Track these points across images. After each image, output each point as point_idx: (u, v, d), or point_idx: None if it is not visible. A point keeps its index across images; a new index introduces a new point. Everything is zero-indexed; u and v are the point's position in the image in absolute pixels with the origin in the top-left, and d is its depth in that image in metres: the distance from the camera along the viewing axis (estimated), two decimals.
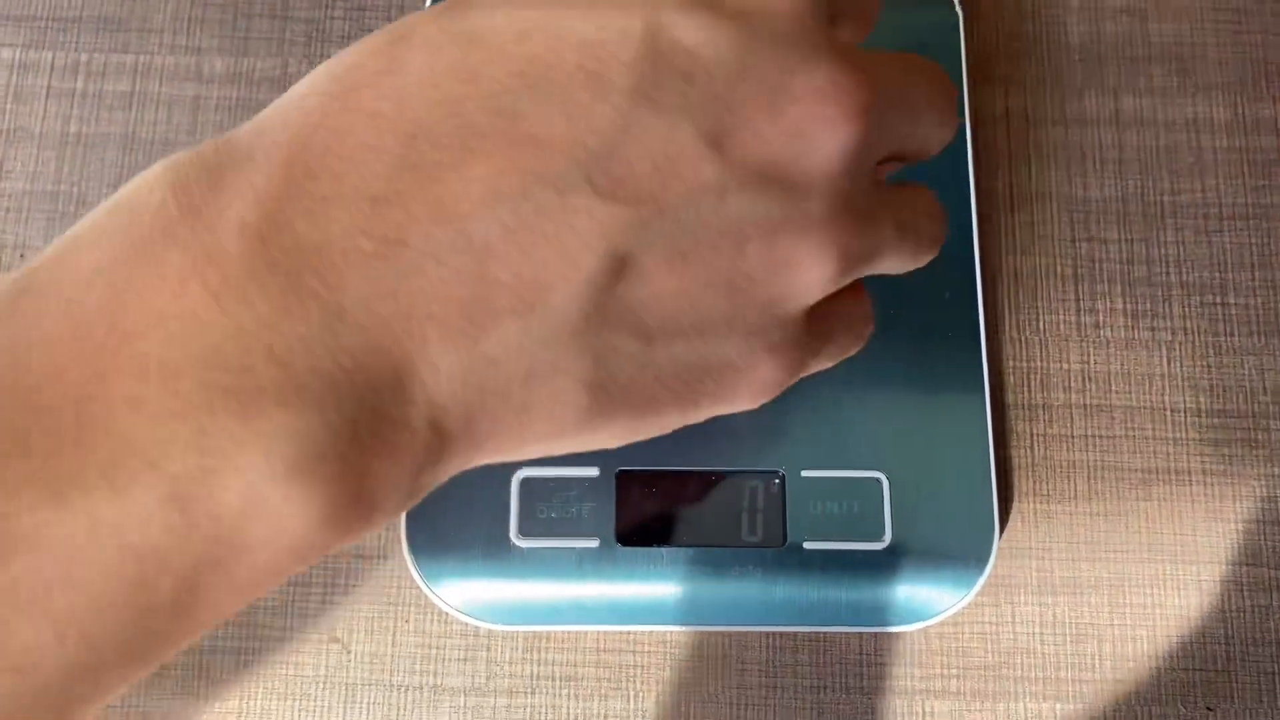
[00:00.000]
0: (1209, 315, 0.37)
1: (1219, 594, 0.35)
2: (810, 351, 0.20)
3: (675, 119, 0.16)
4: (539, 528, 0.34)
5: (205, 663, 0.35)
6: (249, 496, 0.14)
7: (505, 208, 0.15)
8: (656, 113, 0.16)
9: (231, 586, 0.15)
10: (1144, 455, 0.36)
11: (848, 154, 0.17)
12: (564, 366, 0.16)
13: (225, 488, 0.14)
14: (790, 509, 0.34)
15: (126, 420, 0.14)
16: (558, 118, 0.16)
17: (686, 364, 0.18)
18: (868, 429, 0.34)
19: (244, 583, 0.15)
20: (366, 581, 0.35)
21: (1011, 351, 0.37)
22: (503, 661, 0.35)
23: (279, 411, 0.14)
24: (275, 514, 0.14)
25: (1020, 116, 0.39)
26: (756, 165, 0.17)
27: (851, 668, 0.34)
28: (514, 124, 0.16)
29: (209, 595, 0.15)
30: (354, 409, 0.15)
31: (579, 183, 0.16)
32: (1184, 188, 0.38)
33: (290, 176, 0.15)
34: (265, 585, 0.16)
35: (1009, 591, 0.35)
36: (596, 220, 0.16)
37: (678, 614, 0.33)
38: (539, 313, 0.16)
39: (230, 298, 0.14)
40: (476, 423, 0.16)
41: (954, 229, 0.36)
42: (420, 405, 0.15)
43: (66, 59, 0.40)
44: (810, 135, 0.17)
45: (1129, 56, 0.39)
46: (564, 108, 0.16)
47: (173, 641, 0.16)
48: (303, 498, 0.14)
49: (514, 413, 0.16)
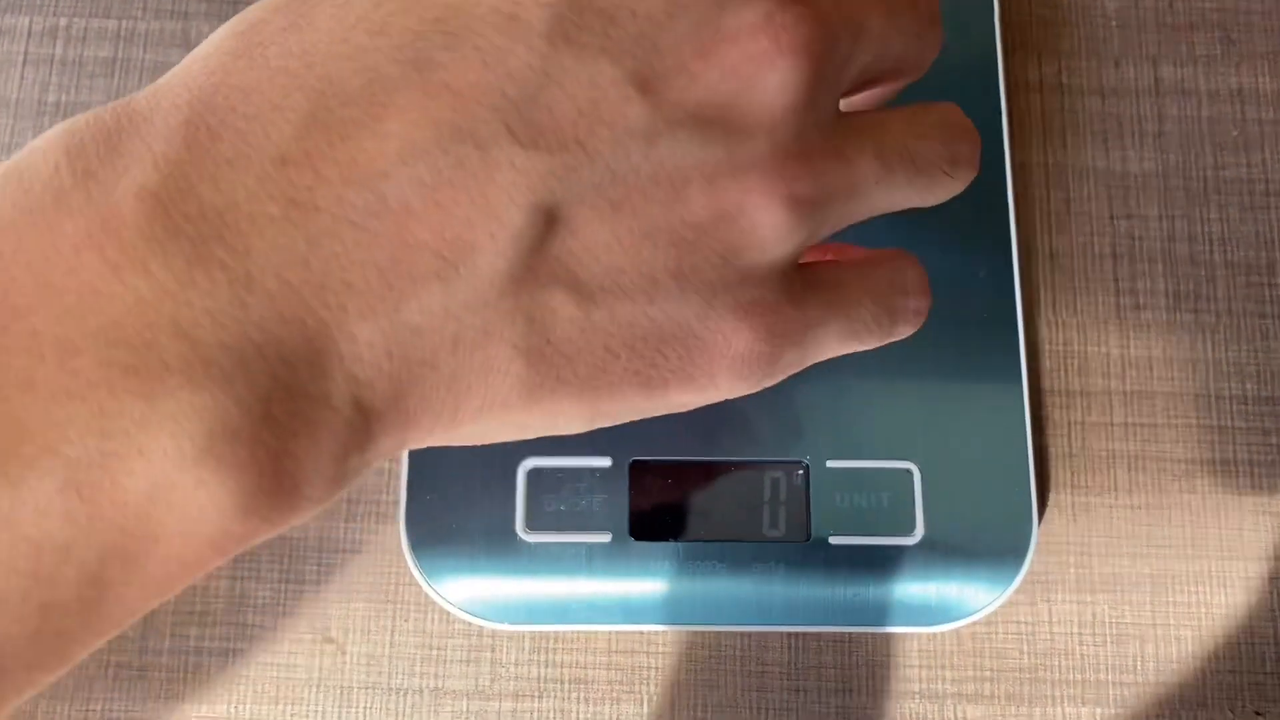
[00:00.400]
0: (1255, 296, 0.35)
1: (1268, 591, 0.33)
2: (801, 321, 0.18)
3: (598, 61, 0.15)
4: (547, 521, 0.31)
5: (191, 664, 0.33)
6: (157, 482, 0.13)
7: (422, 164, 0.14)
8: (577, 55, 0.15)
9: (143, 581, 0.14)
10: (1188, 445, 0.34)
11: (789, 91, 0.16)
12: (495, 331, 0.15)
13: (130, 473, 0.13)
14: (815, 502, 0.32)
15: (19, 402, 0.13)
16: (473, 65, 0.15)
17: (639, 330, 0.17)
18: (897, 416, 0.32)
19: (157, 577, 0.14)
20: (362, 577, 0.33)
21: (1048, 335, 0.35)
22: (508, 663, 0.32)
23: (186, 390, 0.13)
24: (187, 501, 0.13)
25: (1054, 87, 0.37)
26: (690, 107, 0.16)
27: (879, 670, 0.32)
28: (428, 74, 0.15)
29: (118, 590, 0.14)
30: (267, 385, 0.14)
31: (499, 132, 0.15)
32: (1228, 162, 0.36)
33: (192, 138, 0.14)
34: (181, 580, 0.15)
35: (1046, 589, 0.33)
36: (519, 171, 0.15)
37: (694, 613, 0.31)
38: (463, 274, 0.15)
39: (129, 269, 0.13)
40: (404, 397, 0.15)
41: (989, 205, 0.34)
42: (340, 380, 0.14)
43: (45, 23, 0.37)
44: (745, 74, 0.16)
45: (1169, 23, 0.37)
46: (479, 54, 0.15)
47: (80, 641, 0.14)
48: (216, 482, 0.13)
49: (445, 384, 0.15)
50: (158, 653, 0.33)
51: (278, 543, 0.33)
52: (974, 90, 0.35)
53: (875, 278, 0.21)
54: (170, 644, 0.33)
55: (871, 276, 0.21)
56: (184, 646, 0.33)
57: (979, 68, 0.35)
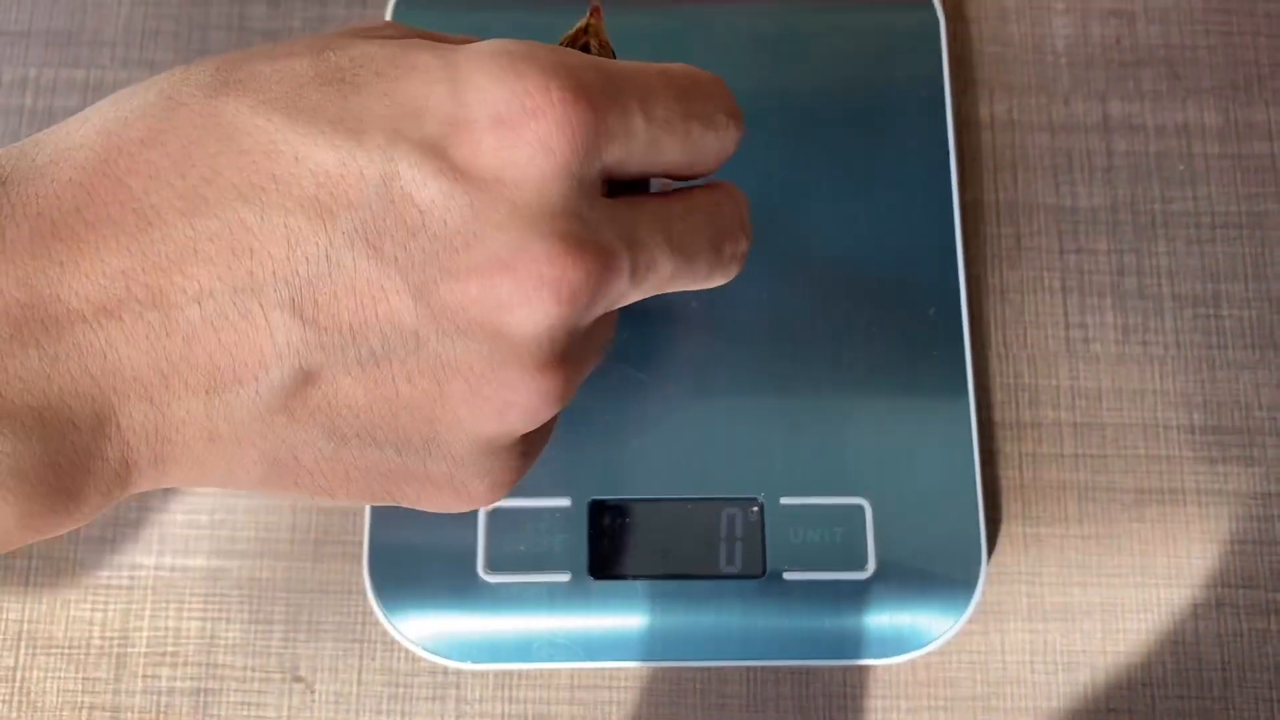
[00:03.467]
0: (1202, 328, 0.36)
1: (1215, 618, 0.34)
2: (527, 466, 0.22)
3: (386, 267, 0.18)
4: (508, 562, 0.32)
5: (163, 704, 0.33)
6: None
7: (213, 306, 0.17)
8: (371, 257, 0.18)
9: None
10: (1137, 475, 0.35)
11: (554, 328, 0.18)
12: (247, 441, 0.19)
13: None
14: (770, 538, 0.32)
15: None
16: (279, 239, 0.17)
17: (383, 470, 0.20)
18: (849, 452, 0.33)
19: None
20: (330, 617, 0.34)
21: (998, 368, 0.36)
22: (473, 700, 0.33)
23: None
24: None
25: (1005, 123, 0.38)
26: (460, 322, 0.18)
27: (836, 701, 0.33)
28: (240, 235, 0.17)
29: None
30: (57, 441, 0.17)
31: (283, 301, 0.17)
32: (1175, 195, 0.37)
33: (38, 232, 0.17)
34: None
35: (998, 619, 0.34)
36: (291, 337, 0.18)
37: (654, 649, 0.32)
38: (225, 396, 0.18)
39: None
40: (161, 462, 0.19)
41: (938, 241, 0.35)
42: (115, 444, 0.18)
43: (14, 74, 0.38)
44: (517, 308, 0.18)
45: (1117, 60, 0.38)
46: (286, 231, 0.17)
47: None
48: (2, 504, 0.17)
49: (194, 462, 0.19)
50: (130, 693, 0.33)
51: (246, 583, 0.34)
52: (922, 128, 0.36)
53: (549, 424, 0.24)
54: (142, 684, 0.33)
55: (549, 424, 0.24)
56: (156, 687, 0.33)
57: (927, 105, 0.36)
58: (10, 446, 0.17)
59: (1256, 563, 0.34)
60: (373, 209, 0.17)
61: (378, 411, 0.19)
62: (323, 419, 0.19)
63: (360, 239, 0.17)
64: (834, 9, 0.37)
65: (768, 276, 0.32)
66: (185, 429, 0.18)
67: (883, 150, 0.35)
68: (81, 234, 0.17)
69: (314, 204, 0.17)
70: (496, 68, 0.18)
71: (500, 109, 0.18)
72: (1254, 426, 0.35)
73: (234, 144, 0.18)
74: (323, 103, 0.18)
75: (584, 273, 0.18)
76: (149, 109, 0.18)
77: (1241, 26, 0.38)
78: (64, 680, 0.33)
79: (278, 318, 0.17)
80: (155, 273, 0.17)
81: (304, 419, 0.19)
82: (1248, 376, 0.35)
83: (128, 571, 0.34)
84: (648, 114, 0.20)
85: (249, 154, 0.18)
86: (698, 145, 0.21)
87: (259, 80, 0.18)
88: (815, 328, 0.34)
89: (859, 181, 0.35)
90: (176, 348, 0.17)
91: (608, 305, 0.19)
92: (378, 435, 0.19)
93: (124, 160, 0.18)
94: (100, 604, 0.34)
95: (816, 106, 0.36)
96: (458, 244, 0.18)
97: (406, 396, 0.19)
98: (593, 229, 0.19)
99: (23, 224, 0.17)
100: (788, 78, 0.36)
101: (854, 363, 0.34)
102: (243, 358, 0.18)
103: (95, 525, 0.35)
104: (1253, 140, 0.37)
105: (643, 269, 0.20)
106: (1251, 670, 0.33)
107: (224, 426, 0.18)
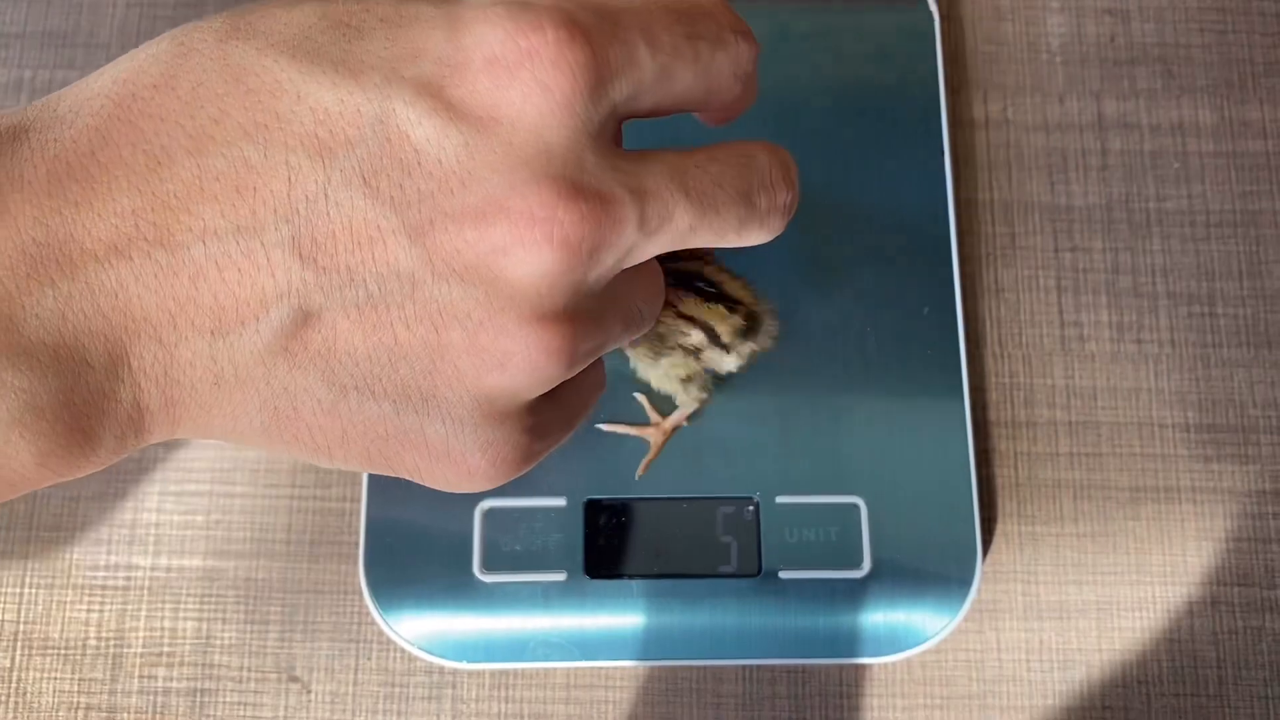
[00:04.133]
0: (1197, 326, 0.36)
1: (1210, 616, 0.34)
2: (534, 451, 0.21)
3: (382, 207, 0.18)
4: (503, 561, 0.32)
5: (159, 704, 0.33)
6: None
7: (217, 245, 0.18)
8: (368, 196, 0.18)
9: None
10: (1131, 473, 0.35)
11: (549, 274, 0.18)
12: (250, 385, 0.19)
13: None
14: (765, 537, 0.32)
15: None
16: (280, 177, 0.18)
17: (381, 430, 0.19)
18: (844, 451, 0.33)
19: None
20: (326, 618, 0.34)
21: (994, 367, 0.36)
22: (469, 700, 0.33)
23: (9, 372, 0.17)
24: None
25: (999, 122, 0.38)
26: (457, 265, 0.18)
27: (832, 700, 0.33)
28: (244, 173, 0.18)
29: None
30: (72, 379, 0.17)
31: (284, 239, 0.18)
32: (1170, 194, 0.37)
33: (54, 174, 0.17)
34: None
35: (994, 617, 0.34)
36: (290, 277, 0.18)
37: (651, 648, 0.32)
38: (230, 337, 0.18)
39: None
40: (172, 406, 0.19)
41: (932, 242, 0.35)
42: (127, 384, 0.18)
43: (9, 76, 0.38)
44: (512, 251, 0.18)
45: (1111, 58, 0.38)
46: (288, 169, 0.18)
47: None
48: (22, 444, 0.17)
49: (200, 408, 0.19)
50: (127, 694, 0.33)
51: (242, 584, 0.34)
52: (917, 127, 0.36)
53: (584, 389, 0.23)
54: (139, 685, 0.33)
55: (582, 390, 0.23)
56: (152, 688, 0.33)
57: (922, 104, 0.36)
58: (27, 383, 0.17)
59: (1252, 560, 0.34)
60: (369, 147, 0.18)
61: (377, 360, 0.19)
62: (322, 364, 0.19)
63: (357, 177, 0.18)
64: (828, 9, 0.37)
65: (763, 276, 0.32)
66: (192, 371, 0.18)
67: (877, 149, 0.35)
68: (95, 175, 0.17)
69: (314, 141, 0.18)
70: (494, 14, 0.18)
71: (495, 49, 0.18)
72: (1249, 424, 0.35)
73: (241, 84, 0.18)
74: (327, 46, 0.18)
75: (579, 217, 0.18)
76: (161, 55, 0.18)
77: (1236, 24, 0.38)
78: (60, 681, 0.33)
79: (278, 257, 0.18)
80: (163, 211, 0.17)
81: (304, 363, 0.19)
82: (1242, 374, 0.35)
83: (124, 572, 0.34)
84: (651, 43, 0.19)
85: (255, 93, 0.18)
86: (709, 67, 0.20)
87: (268, 25, 0.19)
88: (810, 327, 0.34)
89: (854, 181, 0.35)
90: (183, 287, 0.18)
91: (616, 257, 0.19)
92: (376, 388, 0.19)
93: (138, 105, 0.18)
94: (96, 605, 0.34)
95: (811, 106, 0.36)
96: (453, 185, 0.18)
97: (405, 344, 0.19)
98: (594, 174, 0.18)
99: (40, 166, 0.17)
100: (782, 77, 0.36)
101: (849, 362, 0.34)
102: (245, 297, 0.18)
103: (91, 525, 0.35)
104: (1247, 138, 0.37)
105: (654, 219, 0.19)
106: (1247, 668, 0.33)
107: (228, 369, 0.18)
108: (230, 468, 0.35)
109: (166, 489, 0.35)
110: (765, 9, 0.36)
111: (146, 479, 0.35)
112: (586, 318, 0.19)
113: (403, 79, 0.18)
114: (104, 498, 0.35)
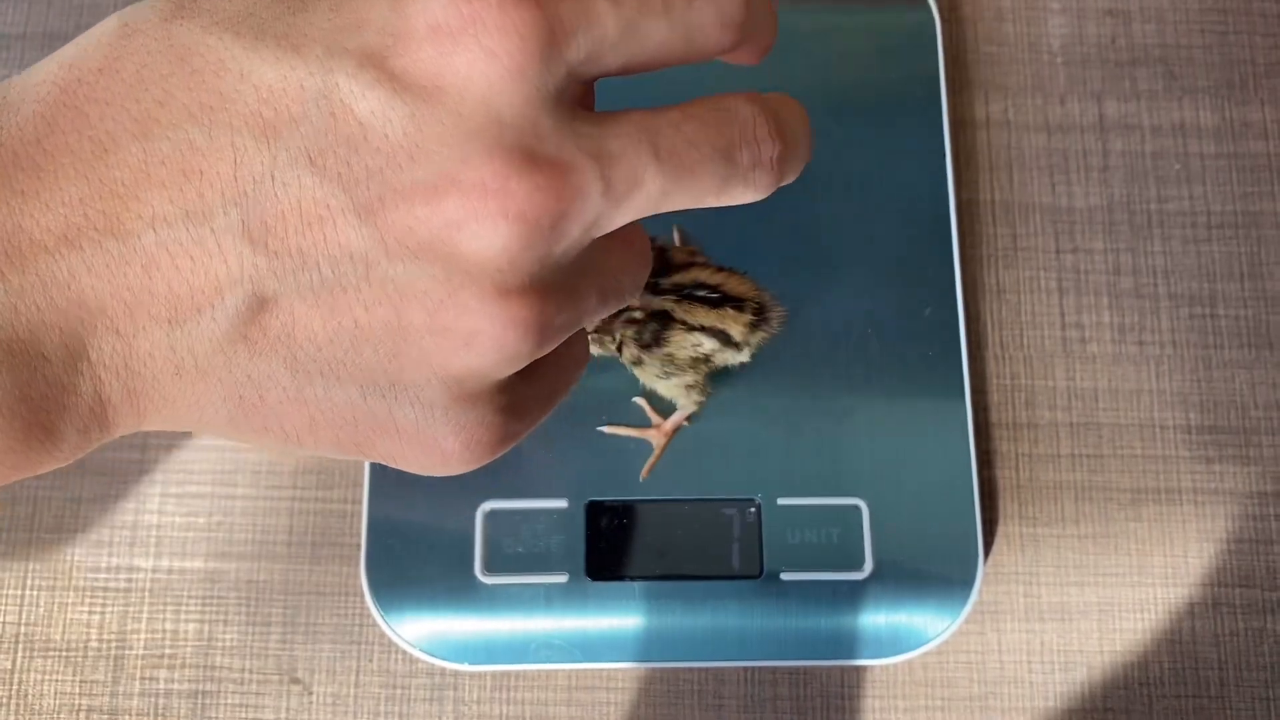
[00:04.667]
0: (1198, 328, 0.36)
1: (1212, 617, 0.34)
2: (512, 432, 0.20)
3: (330, 185, 0.17)
4: (505, 563, 0.32)
5: (161, 707, 0.33)
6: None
7: (167, 232, 0.17)
8: (315, 174, 0.17)
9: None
10: (1133, 475, 0.35)
11: (505, 250, 0.17)
12: (212, 375, 0.18)
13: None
14: (767, 538, 0.32)
15: None
16: (226, 159, 0.17)
17: (349, 415, 0.19)
18: (846, 453, 0.33)
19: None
20: (327, 619, 0.34)
21: (995, 369, 0.36)
22: (471, 701, 0.33)
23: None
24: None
25: (1000, 123, 0.38)
26: (411, 244, 0.17)
27: (833, 701, 0.33)
28: (190, 156, 0.17)
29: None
30: (27, 373, 0.17)
31: (233, 224, 0.17)
32: (1171, 195, 0.37)
33: (1, 164, 0.17)
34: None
35: (995, 619, 0.34)
36: (242, 262, 0.17)
37: (652, 650, 0.32)
38: (187, 326, 0.18)
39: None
40: (133, 398, 0.18)
41: (934, 243, 0.35)
42: (87, 376, 0.18)
43: (8, 76, 0.38)
44: (467, 226, 0.17)
45: (1113, 59, 0.38)
46: (234, 151, 0.17)
47: None
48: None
49: (164, 400, 0.18)
50: (128, 696, 0.33)
51: (244, 586, 0.34)
52: (918, 128, 0.36)
53: (564, 367, 0.22)
54: (140, 687, 0.33)
55: (561, 367, 0.22)
56: (153, 689, 0.33)
57: (923, 105, 0.36)
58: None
59: (1253, 562, 0.34)
60: (314, 123, 0.17)
61: (339, 344, 0.18)
62: (283, 350, 0.18)
63: (303, 156, 0.17)
64: (830, 9, 0.37)
65: (763, 276, 0.32)
66: (152, 362, 0.18)
67: (879, 150, 0.35)
68: (42, 164, 0.17)
69: (258, 120, 0.17)
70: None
71: (439, 15, 0.17)
72: (1250, 426, 0.35)
73: (186, 65, 0.18)
74: (271, 20, 0.18)
75: (533, 188, 0.17)
76: (106, 38, 0.18)
77: (1237, 25, 0.38)
78: (61, 683, 0.33)
79: (229, 242, 0.17)
80: (111, 199, 0.17)
81: (264, 350, 0.18)
82: (1244, 376, 0.35)
83: (125, 574, 0.34)
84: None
85: (199, 73, 0.17)
86: (685, 18, 0.19)
87: (212, 2, 0.18)
88: (811, 328, 0.34)
89: (855, 181, 0.35)
90: (136, 276, 0.17)
91: (582, 227, 0.18)
92: (341, 372, 0.18)
93: (83, 89, 0.18)
94: (98, 606, 0.34)
95: (812, 106, 0.36)
96: (401, 159, 0.17)
97: (365, 326, 0.18)
98: (551, 142, 0.17)
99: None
100: (784, 78, 0.36)
101: (851, 363, 0.34)
102: (198, 285, 0.17)
103: (93, 527, 0.35)
104: (1248, 139, 0.37)
105: (620, 185, 0.18)
106: (1248, 669, 0.33)
107: (188, 359, 0.18)
108: (232, 469, 0.35)
109: (168, 491, 0.35)
110: None
111: (148, 481, 0.35)
112: (556, 291, 0.19)
113: (345, 50, 0.17)
114: (105, 499, 0.35)
